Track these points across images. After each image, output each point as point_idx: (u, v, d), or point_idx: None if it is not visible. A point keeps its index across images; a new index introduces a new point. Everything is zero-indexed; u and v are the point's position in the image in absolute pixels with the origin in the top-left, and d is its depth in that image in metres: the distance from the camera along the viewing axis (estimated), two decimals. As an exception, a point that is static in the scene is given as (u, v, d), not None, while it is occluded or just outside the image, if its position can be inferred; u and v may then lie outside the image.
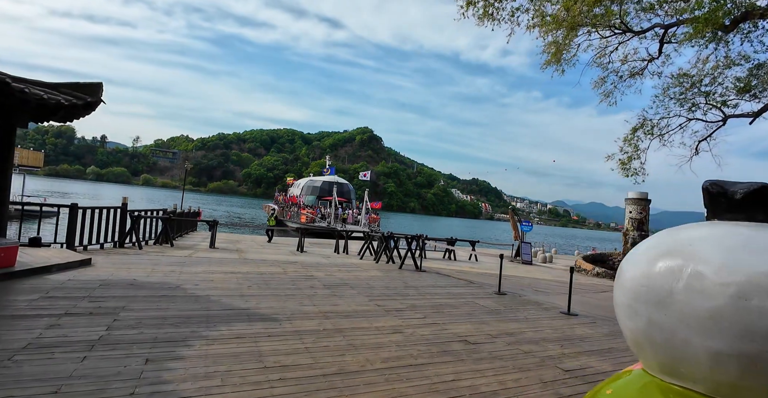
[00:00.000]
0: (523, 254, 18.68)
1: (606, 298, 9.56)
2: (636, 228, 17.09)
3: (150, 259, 9.00)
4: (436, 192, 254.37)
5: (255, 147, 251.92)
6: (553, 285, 11.03)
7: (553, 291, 9.89)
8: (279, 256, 11.91)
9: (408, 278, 9.45)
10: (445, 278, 10.05)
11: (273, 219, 17.80)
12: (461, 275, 10.96)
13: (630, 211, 17.33)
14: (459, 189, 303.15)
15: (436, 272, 11.03)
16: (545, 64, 14.52)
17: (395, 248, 11.98)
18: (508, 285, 9.64)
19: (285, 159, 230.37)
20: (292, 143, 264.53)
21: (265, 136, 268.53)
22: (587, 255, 19.05)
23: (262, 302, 5.91)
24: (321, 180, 38.47)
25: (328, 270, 9.56)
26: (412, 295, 7.49)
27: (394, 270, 10.49)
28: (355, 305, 6.26)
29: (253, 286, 6.98)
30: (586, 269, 17.09)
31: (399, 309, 6.25)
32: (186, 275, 7.44)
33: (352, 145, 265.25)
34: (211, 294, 6.14)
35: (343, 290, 7.32)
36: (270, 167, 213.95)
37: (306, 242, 18.80)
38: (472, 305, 7.11)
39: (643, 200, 17.19)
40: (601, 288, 11.58)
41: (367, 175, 35.66)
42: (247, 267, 8.97)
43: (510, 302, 7.73)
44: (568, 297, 7.33)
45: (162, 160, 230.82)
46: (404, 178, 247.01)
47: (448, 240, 16.76)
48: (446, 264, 13.92)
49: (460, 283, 9.47)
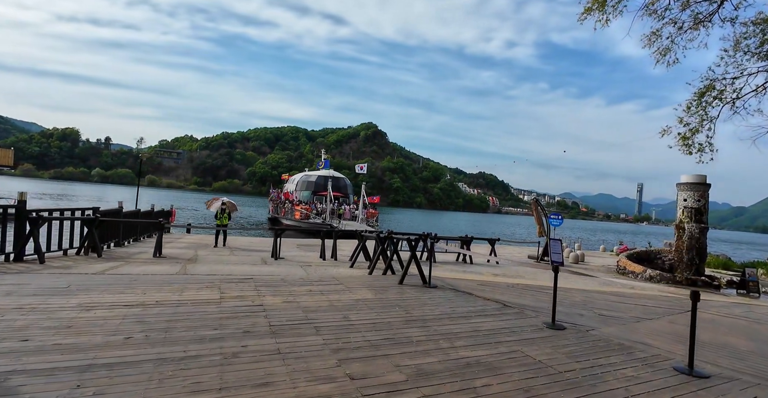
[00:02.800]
0: (552, 254, 15.40)
1: (734, 329, 6.39)
2: (693, 219, 13.82)
3: (18, 281, 6.04)
4: (443, 186, 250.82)
5: (259, 145, 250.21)
6: (617, 303, 7.87)
7: (626, 314, 6.75)
8: (240, 267, 8.91)
9: (411, 301, 6.39)
10: (465, 298, 6.97)
11: (225, 217, 13.98)
12: (486, 291, 7.87)
13: (684, 199, 14.05)
14: (466, 183, 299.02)
15: (451, 287, 7.95)
16: (584, 12, 11.29)
17: (395, 252, 8.91)
18: (543, 297, 6.55)
19: (289, 156, 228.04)
20: (297, 141, 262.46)
21: (269, 134, 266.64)
22: (631, 253, 15.81)
23: (106, 392, 2.88)
24: (316, 174, 35.57)
25: (295, 291, 6.53)
26: (416, 340, 4.43)
27: (392, 287, 7.43)
28: (304, 381, 3.22)
29: (132, 339, 3.96)
30: (634, 271, 13.90)
31: (393, 386, 3.20)
32: (36, 315, 4.45)
33: (356, 141, 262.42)
34: (8, 370, 3.13)
35: (299, 339, 4.27)
36: (274, 165, 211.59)
37: (293, 244, 15.88)
38: (519, 359, 4.04)
39: (702, 185, 13.91)
40: (682, 304, 8.38)
41: (363, 168, 32.69)
42: (166, 292, 5.96)
43: (578, 348, 4.64)
44: (691, 346, 4.19)
45: (167, 160, 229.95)
46: (410, 173, 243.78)
47: (462, 238, 13.64)
48: (462, 271, 10.84)
49: (489, 307, 6.38)
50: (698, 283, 12.86)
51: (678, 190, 14.34)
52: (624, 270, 14.27)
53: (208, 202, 15.19)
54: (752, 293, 12.13)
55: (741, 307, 8.87)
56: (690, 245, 13.70)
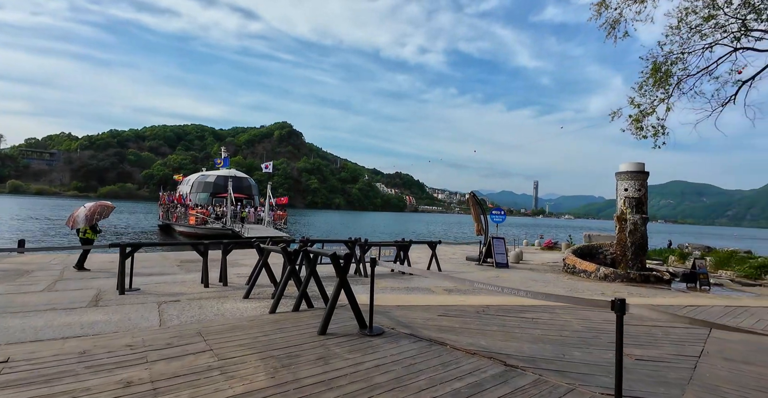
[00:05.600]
0: (496, 254, 13.59)
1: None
2: (634, 209, 12.82)
3: None
4: (361, 187, 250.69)
5: (157, 145, 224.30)
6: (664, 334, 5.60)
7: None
8: (37, 320, 4.94)
9: (346, 378, 3.28)
10: (436, 353, 4.05)
11: (90, 232, 9.33)
12: (458, 330, 5.07)
13: (625, 188, 13.00)
14: (383, 183, 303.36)
15: (404, 327, 4.99)
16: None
17: (312, 274, 5.68)
18: (537, 332, 4.00)
19: (194, 157, 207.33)
20: (203, 140, 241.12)
21: (170, 132, 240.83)
22: (575, 250, 14.55)
23: None
24: (215, 174, 30.37)
25: (96, 390, 3.00)
26: None
27: (308, 344, 4.21)
28: None
29: None
30: (586, 270, 12.43)
31: None
32: None
33: (270, 141, 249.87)
34: None
35: None
36: (176, 166, 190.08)
37: (176, 260, 11.64)
38: None
39: (642, 173, 12.97)
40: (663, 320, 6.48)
41: (269, 166, 28.68)
42: None
43: None
44: None
45: (36, 162, 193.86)
46: (328, 174, 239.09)
47: (398, 243, 10.83)
48: (405, 289, 8.01)
49: (485, 376, 3.52)
50: (651, 279, 11.78)
51: (617, 180, 13.28)
52: (574, 269, 12.79)
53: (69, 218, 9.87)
54: (703, 287, 11.32)
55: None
56: (634, 237, 12.70)
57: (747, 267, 14.31)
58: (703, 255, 17.24)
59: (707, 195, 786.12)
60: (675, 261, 18.23)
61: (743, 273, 14.16)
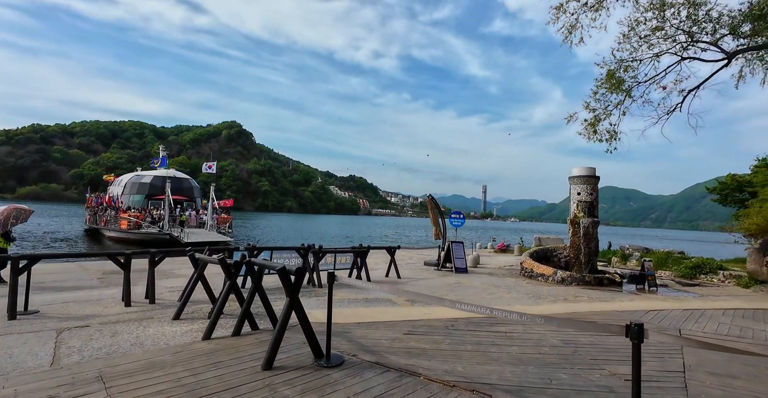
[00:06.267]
0: (455, 259, 13.25)
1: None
2: (587, 213, 13.06)
3: None
4: (314, 189, 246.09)
5: (89, 142, 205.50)
6: (603, 348, 5.26)
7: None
8: None
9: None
10: (408, 389, 3.37)
11: (2, 239, 8.09)
12: (430, 353, 4.43)
13: (578, 192, 13.22)
14: (337, 186, 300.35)
15: (368, 355, 4.26)
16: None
17: (256, 290, 4.78)
18: (515, 349, 3.51)
19: (131, 156, 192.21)
20: (142, 138, 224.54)
21: (103, 129, 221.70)
22: (531, 253, 14.59)
23: None
24: (151, 175, 27.72)
25: None
26: None
27: (250, 383, 3.34)
28: None
29: None
30: (544, 274, 12.40)
31: None
32: None
33: (218, 141, 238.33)
34: None
35: None
36: (111, 166, 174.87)
37: (97, 271, 10.01)
38: None
39: (593, 177, 13.27)
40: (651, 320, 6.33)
41: (212, 167, 26.74)
42: None
43: None
44: None
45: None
46: (279, 176, 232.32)
47: (356, 250, 10.05)
48: (364, 301, 7.27)
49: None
50: (604, 281, 11.97)
51: (570, 184, 13.50)
52: (531, 273, 12.74)
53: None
54: (651, 288, 11.68)
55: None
56: (587, 240, 12.92)
57: (683, 268, 15.11)
58: (643, 256, 18.10)
59: (634, 199, 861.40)
60: (618, 262, 19.09)
61: (680, 273, 14.93)
